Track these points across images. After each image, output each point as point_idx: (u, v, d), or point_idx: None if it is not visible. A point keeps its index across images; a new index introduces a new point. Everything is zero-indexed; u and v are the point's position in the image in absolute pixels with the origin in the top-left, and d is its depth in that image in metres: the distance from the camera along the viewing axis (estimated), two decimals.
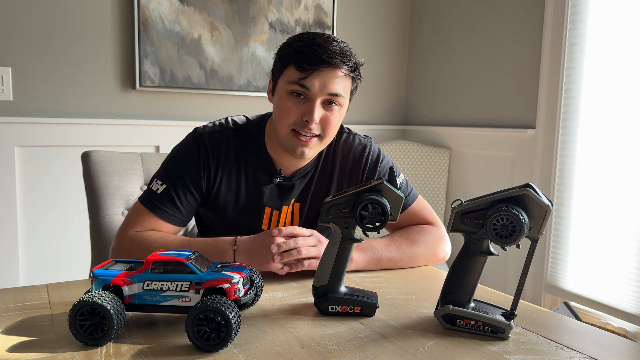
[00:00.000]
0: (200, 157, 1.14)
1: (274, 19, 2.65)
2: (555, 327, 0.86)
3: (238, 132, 1.18)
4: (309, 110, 1.06)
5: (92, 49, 2.28)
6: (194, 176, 1.13)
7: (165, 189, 1.12)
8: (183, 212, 1.13)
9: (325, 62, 1.04)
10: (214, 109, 2.57)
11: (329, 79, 1.06)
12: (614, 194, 2.15)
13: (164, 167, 1.16)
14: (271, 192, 1.18)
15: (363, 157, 1.23)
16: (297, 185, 1.20)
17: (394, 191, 0.83)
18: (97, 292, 0.73)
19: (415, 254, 1.16)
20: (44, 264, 2.25)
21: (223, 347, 0.70)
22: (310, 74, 1.05)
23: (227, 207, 1.18)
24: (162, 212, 1.11)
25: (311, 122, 1.06)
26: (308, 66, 1.04)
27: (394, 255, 1.13)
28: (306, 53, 1.05)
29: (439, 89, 3.00)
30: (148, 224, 1.11)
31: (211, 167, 1.14)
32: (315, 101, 1.06)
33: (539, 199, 0.75)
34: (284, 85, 1.09)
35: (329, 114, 1.09)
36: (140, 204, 1.13)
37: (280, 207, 1.20)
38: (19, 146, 2.16)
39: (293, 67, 1.06)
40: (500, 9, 2.64)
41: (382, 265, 1.12)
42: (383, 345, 0.75)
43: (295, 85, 1.06)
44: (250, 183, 1.17)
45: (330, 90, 1.06)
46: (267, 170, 1.18)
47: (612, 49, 2.15)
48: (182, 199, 1.12)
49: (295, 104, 1.08)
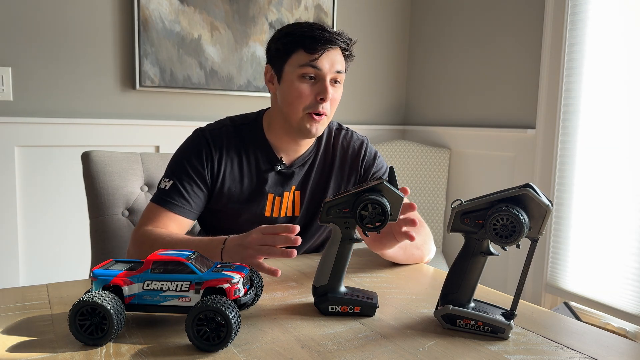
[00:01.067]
0: (202, 150, 1.20)
1: (274, 19, 2.65)
2: (555, 327, 0.86)
3: (237, 127, 1.25)
4: (322, 89, 1.14)
5: (92, 49, 2.28)
6: (198, 169, 1.19)
7: (172, 184, 1.18)
8: (192, 204, 1.18)
9: (331, 42, 1.13)
10: (214, 109, 2.57)
11: (335, 58, 1.15)
12: (614, 194, 2.15)
13: (169, 166, 1.22)
14: (272, 179, 1.24)
15: (362, 150, 1.31)
16: (297, 173, 1.26)
17: (394, 191, 0.83)
18: (97, 292, 0.73)
19: (422, 243, 1.17)
20: (44, 264, 2.25)
21: (223, 347, 0.70)
22: (321, 54, 1.13)
23: (232, 197, 1.23)
24: (172, 206, 1.16)
25: (326, 100, 1.14)
26: (320, 47, 1.12)
27: None
28: (313, 36, 1.13)
29: (439, 89, 3.00)
30: (160, 219, 1.15)
31: (214, 159, 1.20)
32: (326, 80, 1.14)
33: (539, 199, 0.75)
34: (293, 70, 1.15)
35: (334, 92, 1.18)
36: (151, 203, 1.19)
37: (282, 194, 1.25)
38: (19, 146, 2.16)
39: (302, 51, 1.14)
40: (500, 9, 2.64)
41: (388, 247, 1.08)
42: (383, 345, 0.75)
43: (308, 67, 1.13)
44: (252, 172, 1.23)
45: (336, 68, 1.15)
46: (268, 158, 1.24)
47: (612, 49, 2.15)
48: (190, 191, 1.18)
49: (309, 86, 1.15)
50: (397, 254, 1.13)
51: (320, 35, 1.12)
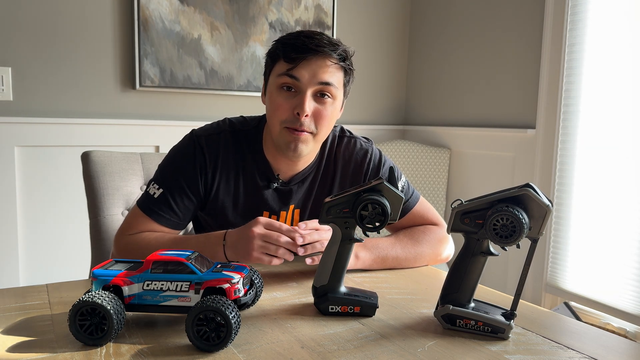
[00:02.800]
0: (197, 160, 1.12)
1: (274, 19, 2.65)
2: (555, 327, 0.86)
3: (236, 134, 1.16)
4: (299, 102, 1.04)
5: (92, 48, 2.28)
6: (191, 180, 1.12)
7: (162, 193, 1.10)
8: (180, 215, 1.12)
9: (312, 51, 1.03)
10: (214, 109, 2.57)
11: (318, 68, 1.03)
12: (614, 194, 2.15)
13: (160, 170, 1.15)
14: (269, 197, 1.17)
15: (365, 162, 1.21)
16: (296, 191, 1.18)
17: (394, 191, 0.83)
18: (97, 292, 0.72)
19: (420, 253, 1.16)
20: (44, 264, 2.25)
21: (223, 347, 0.70)
22: (298, 63, 1.03)
23: (226, 211, 1.16)
24: (159, 217, 1.10)
25: (302, 114, 1.03)
26: (295, 55, 1.02)
27: (399, 255, 1.13)
28: (293, 44, 1.04)
29: (439, 89, 3.00)
30: (144, 228, 1.11)
31: (208, 170, 1.12)
32: (306, 92, 1.04)
33: (539, 199, 0.75)
34: (273, 80, 1.08)
35: (321, 108, 1.06)
36: (137, 208, 1.12)
37: (278, 212, 1.18)
38: (19, 146, 2.16)
39: (282, 60, 1.05)
40: (500, 8, 2.64)
41: (387, 265, 1.12)
42: (383, 345, 0.75)
43: (285, 77, 1.04)
44: (248, 187, 1.16)
45: (320, 79, 1.03)
46: (265, 174, 1.16)
47: (612, 49, 2.15)
48: (179, 203, 1.11)
49: (286, 98, 1.05)
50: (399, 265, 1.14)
51: (300, 43, 1.03)
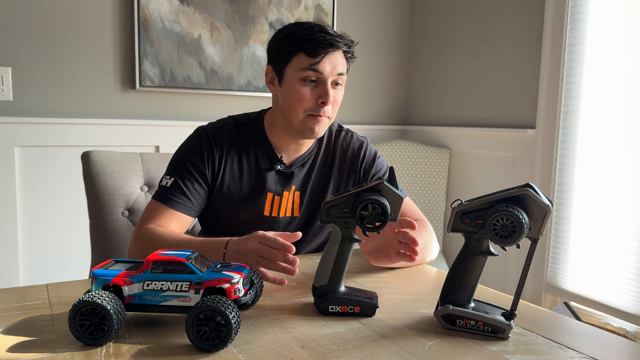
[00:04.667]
0: (203, 147, 1.20)
1: (274, 19, 2.65)
2: (555, 327, 0.86)
3: (238, 126, 1.26)
4: (323, 92, 1.15)
5: (92, 49, 2.28)
6: (198, 166, 1.19)
7: (173, 181, 1.18)
8: (193, 201, 1.19)
9: (332, 45, 1.13)
10: (214, 109, 2.57)
11: (336, 61, 1.15)
12: (614, 194, 2.15)
13: (170, 164, 1.23)
14: (272, 179, 1.25)
15: (361, 151, 1.31)
16: (297, 173, 1.27)
17: (394, 191, 0.83)
18: (97, 292, 0.73)
19: (424, 246, 1.17)
20: (44, 264, 2.25)
21: (223, 347, 0.70)
22: (322, 58, 1.13)
23: (231, 195, 1.23)
24: (173, 202, 1.16)
25: (328, 103, 1.15)
26: (321, 51, 1.12)
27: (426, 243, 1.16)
28: (314, 39, 1.12)
29: (439, 89, 3.00)
30: (161, 216, 1.15)
31: (215, 157, 1.20)
32: (328, 83, 1.15)
33: (539, 199, 0.75)
34: (294, 73, 1.15)
35: (336, 95, 1.18)
36: (152, 200, 1.19)
37: (281, 193, 1.26)
38: (19, 146, 2.16)
39: (303, 54, 1.13)
40: (500, 9, 2.64)
41: (383, 264, 1.12)
42: (383, 345, 0.75)
43: (309, 71, 1.13)
44: (252, 170, 1.24)
45: (338, 70, 1.15)
46: (268, 157, 1.25)
47: (612, 49, 2.15)
48: (191, 188, 1.18)
49: (311, 89, 1.15)
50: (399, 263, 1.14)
51: (321, 39, 1.12)
